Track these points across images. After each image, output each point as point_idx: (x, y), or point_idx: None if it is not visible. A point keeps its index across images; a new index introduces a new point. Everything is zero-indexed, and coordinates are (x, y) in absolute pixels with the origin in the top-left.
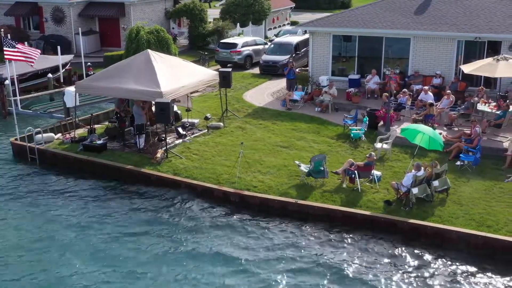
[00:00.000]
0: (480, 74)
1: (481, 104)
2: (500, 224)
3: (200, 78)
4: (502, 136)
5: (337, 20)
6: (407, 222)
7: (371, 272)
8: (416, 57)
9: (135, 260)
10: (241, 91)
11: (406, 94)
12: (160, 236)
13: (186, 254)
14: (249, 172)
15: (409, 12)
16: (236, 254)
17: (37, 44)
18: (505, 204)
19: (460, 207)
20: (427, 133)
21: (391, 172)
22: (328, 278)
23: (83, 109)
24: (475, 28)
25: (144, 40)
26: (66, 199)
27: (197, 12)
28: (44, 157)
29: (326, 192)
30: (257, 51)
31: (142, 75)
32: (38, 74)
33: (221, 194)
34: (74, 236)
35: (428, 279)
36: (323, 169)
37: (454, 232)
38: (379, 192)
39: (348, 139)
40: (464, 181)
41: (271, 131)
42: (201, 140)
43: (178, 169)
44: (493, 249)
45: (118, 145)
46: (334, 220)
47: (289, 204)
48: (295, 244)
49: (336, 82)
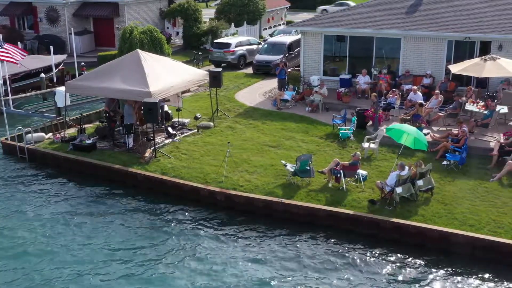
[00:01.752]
0: (467, 74)
1: (469, 104)
2: (482, 223)
3: (189, 78)
4: (490, 136)
5: (328, 20)
6: (390, 221)
7: (351, 271)
8: (407, 57)
9: (114, 257)
10: (233, 91)
11: (396, 94)
12: (141, 236)
13: (166, 254)
14: (236, 171)
15: (400, 12)
16: (211, 253)
17: (32, 44)
18: (489, 203)
19: (444, 206)
20: (411, 133)
21: (378, 171)
22: (308, 275)
23: (76, 108)
24: (465, 28)
25: (137, 40)
26: (51, 198)
27: (191, 12)
28: (34, 157)
29: (312, 191)
30: (250, 51)
31: (131, 75)
32: (30, 74)
33: (207, 194)
34: (50, 234)
35: (407, 278)
36: (309, 168)
37: (436, 231)
38: (364, 191)
39: (337, 139)
40: (449, 181)
41: (260, 131)
42: (190, 139)
43: (166, 168)
44: (473, 248)
45: (108, 145)
46: (318, 219)
47: (274, 203)
48: (278, 243)
49: (327, 82)
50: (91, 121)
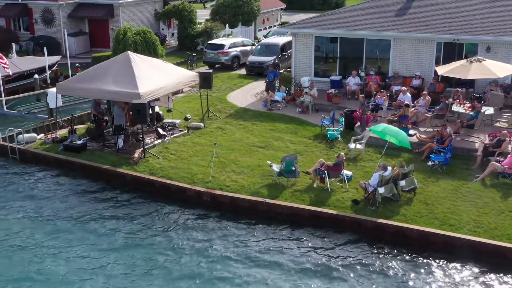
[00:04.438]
0: (453, 75)
1: (456, 105)
2: (462, 223)
3: (179, 80)
4: (475, 136)
5: (319, 21)
6: (371, 220)
7: (331, 268)
8: (396, 59)
9: (101, 256)
10: (225, 92)
11: (384, 95)
12: (127, 234)
13: (152, 252)
14: (223, 172)
15: (390, 14)
16: (195, 251)
17: (27, 45)
18: (470, 203)
19: (426, 206)
20: (393, 136)
21: (363, 172)
22: (290, 274)
23: (69, 109)
24: (454, 30)
25: (130, 41)
26: (39, 197)
27: (186, 13)
28: (25, 157)
29: (297, 191)
30: (244, 52)
31: (121, 76)
32: (24, 75)
33: (194, 194)
34: (38, 232)
35: (387, 276)
36: (295, 169)
37: (415, 230)
38: (348, 191)
39: (325, 140)
40: (433, 181)
41: (249, 132)
42: (180, 140)
43: (154, 168)
44: (452, 247)
45: (98, 146)
46: (301, 219)
47: (258, 203)
48: (260, 242)
49: (318, 83)
50: (83, 122)
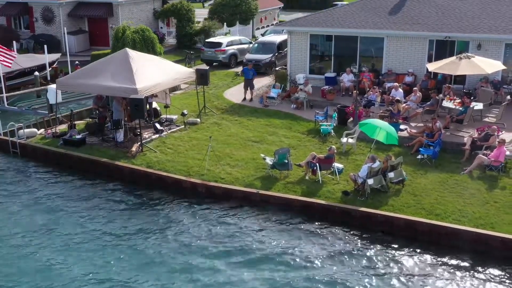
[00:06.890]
0: (442, 72)
1: (446, 100)
2: (448, 213)
3: (175, 76)
4: (465, 131)
5: (314, 20)
6: (359, 210)
7: (321, 257)
8: (390, 56)
9: (98, 249)
10: (222, 89)
11: (376, 91)
12: (123, 226)
13: (147, 244)
14: (218, 165)
15: (383, 12)
16: (188, 242)
17: (27, 43)
18: (456, 194)
19: (414, 197)
20: (383, 128)
21: (354, 165)
22: (278, 264)
23: (69, 105)
24: (445, 27)
25: (129, 39)
26: (38, 190)
27: (184, 12)
28: (25, 151)
29: (289, 183)
30: (241, 50)
31: (119, 73)
32: (25, 72)
33: (189, 185)
34: (38, 226)
35: (374, 263)
36: (287, 161)
37: (402, 219)
38: (339, 183)
39: (318, 134)
40: (421, 173)
41: (245, 127)
42: (177, 135)
43: (151, 162)
44: (438, 235)
45: (97, 140)
46: (293, 209)
47: (252, 194)
48: (253, 232)
49: (313, 80)
50: (82, 117)
